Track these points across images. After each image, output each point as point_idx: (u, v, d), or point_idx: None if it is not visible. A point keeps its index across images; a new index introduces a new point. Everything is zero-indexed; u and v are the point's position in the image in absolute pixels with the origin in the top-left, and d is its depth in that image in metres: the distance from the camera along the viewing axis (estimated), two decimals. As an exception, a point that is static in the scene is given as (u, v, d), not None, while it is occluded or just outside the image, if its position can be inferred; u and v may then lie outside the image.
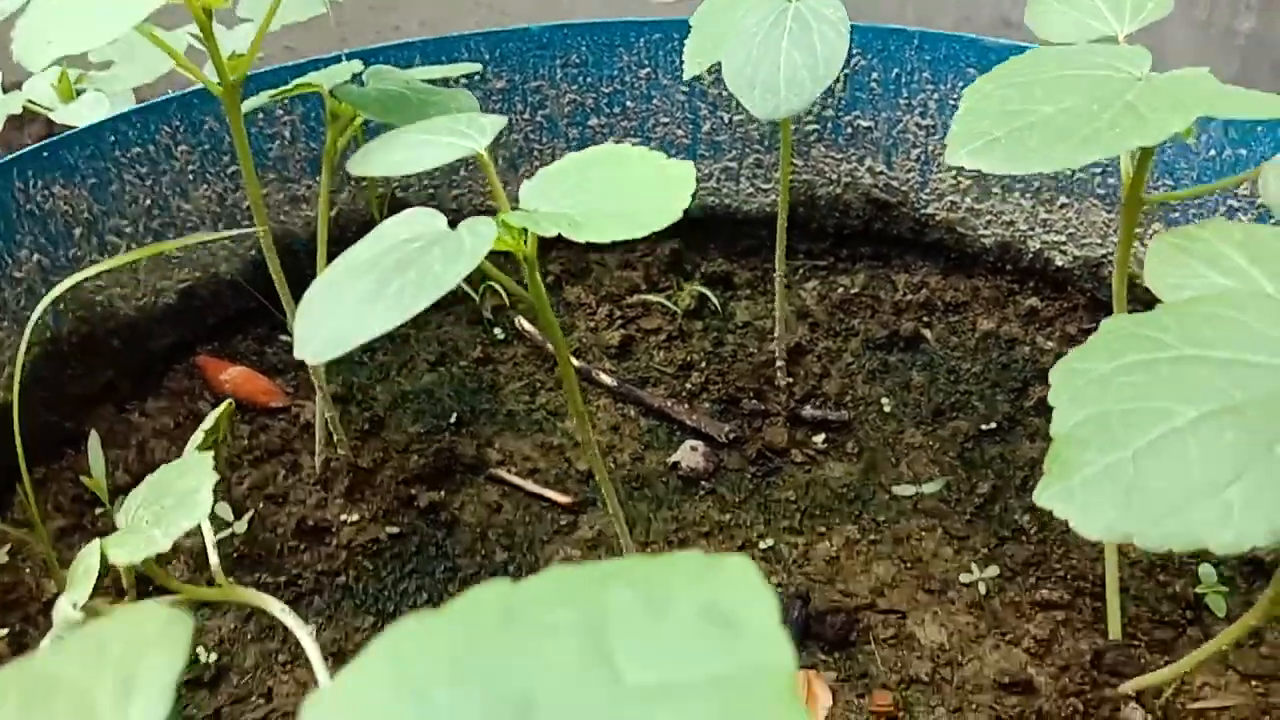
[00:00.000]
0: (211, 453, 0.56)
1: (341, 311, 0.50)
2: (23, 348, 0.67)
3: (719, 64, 0.73)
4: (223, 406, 0.64)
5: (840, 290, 1.07)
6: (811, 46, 0.65)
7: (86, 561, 0.52)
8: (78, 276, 0.63)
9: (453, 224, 0.52)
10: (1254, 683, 0.71)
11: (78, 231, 0.86)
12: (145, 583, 0.59)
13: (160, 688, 0.29)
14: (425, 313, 1.10)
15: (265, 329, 1.01)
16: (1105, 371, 0.45)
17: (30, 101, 1.28)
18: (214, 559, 0.59)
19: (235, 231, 0.85)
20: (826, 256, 1.11)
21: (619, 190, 0.53)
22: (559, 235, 0.52)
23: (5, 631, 0.72)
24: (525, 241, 0.55)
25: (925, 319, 1.03)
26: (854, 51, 1.00)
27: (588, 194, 0.53)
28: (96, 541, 0.52)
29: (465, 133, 0.57)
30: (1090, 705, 0.69)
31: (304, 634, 0.55)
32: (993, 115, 0.59)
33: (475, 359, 1.00)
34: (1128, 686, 0.70)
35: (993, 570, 0.78)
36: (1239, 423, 0.41)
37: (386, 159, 0.57)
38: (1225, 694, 0.70)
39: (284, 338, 1.00)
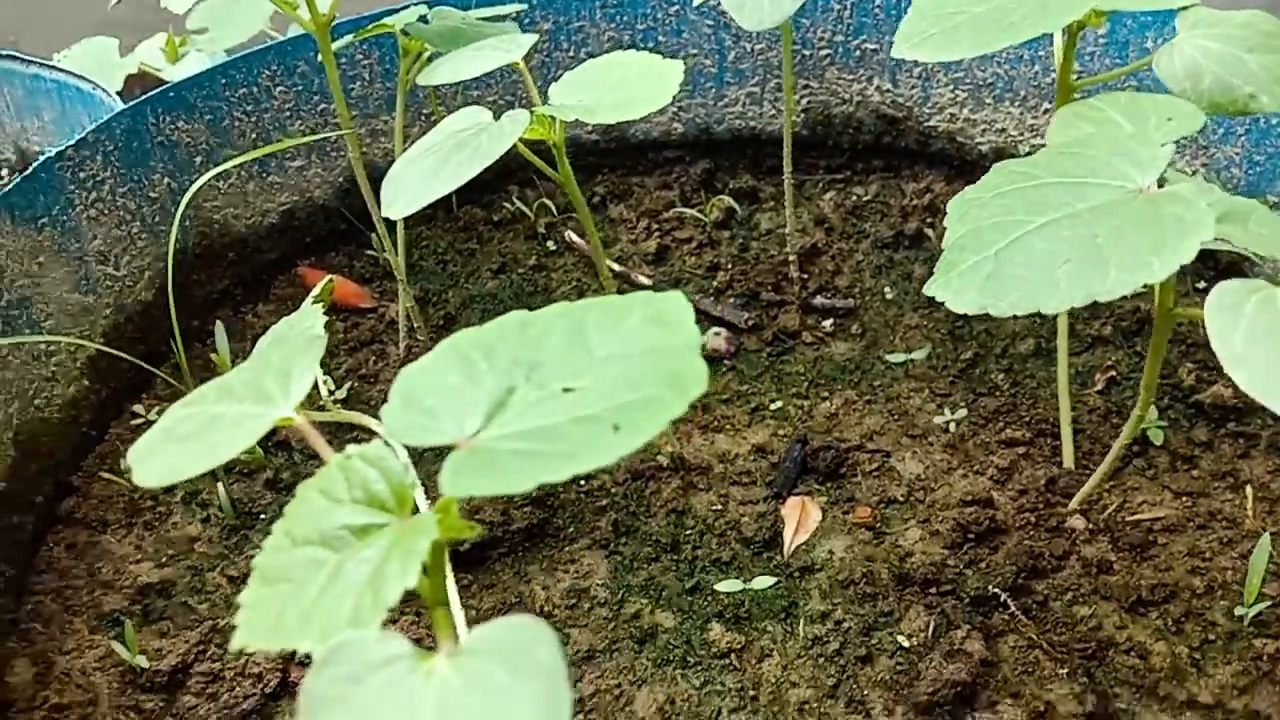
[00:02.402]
0: (322, 305, 0.74)
1: (415, 180, 0.67)
2: (171, 255, 0.86)
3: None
4: (325, 280, 0.82)
5: (854, 199, 1.22)
6: (790, -30, 0.80)
7: (231, 380, 0.71)
8: (209, 175, 0.81)
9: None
10: (1184, 499, 0.85)
11: (198, 159, 1.05)
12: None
13: (308, 371, 0.47)
14: (489, 230, 1.28)
15: (354, 246, 1.20)
16: (986, 198, 0.60)
17: (143, 64, 1.49)
18: (323, 390, 0.77)
19: (330, 135, 1.03)
20: (843, 170, 1.26)
21: (622, 84, 0.69)
22: (602, 161, 0.68)
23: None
24: (554, 130, 0.72)
25: (929, 220, 1.17)
26: (858, -18, 1.14)
27: (599, 89, 0.70)
28: (299, 336, 0.71)
29: (507, 48, 0.74)
30: (1041, 518, 0.84)
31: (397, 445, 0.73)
32: (931, 16, 0.74)
33: (531, 267, 1.17)
34: (1073, 503, 0.84)
35: (967, 414, 0.93)
36: (1075, 223, 0.56)
37: (447, 70, 0.75)
38: (1159, 508, 0.84)
39: (369, 253, 1.19)
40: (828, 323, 1.07)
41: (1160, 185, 0.58)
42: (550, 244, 1.21)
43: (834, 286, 1.11)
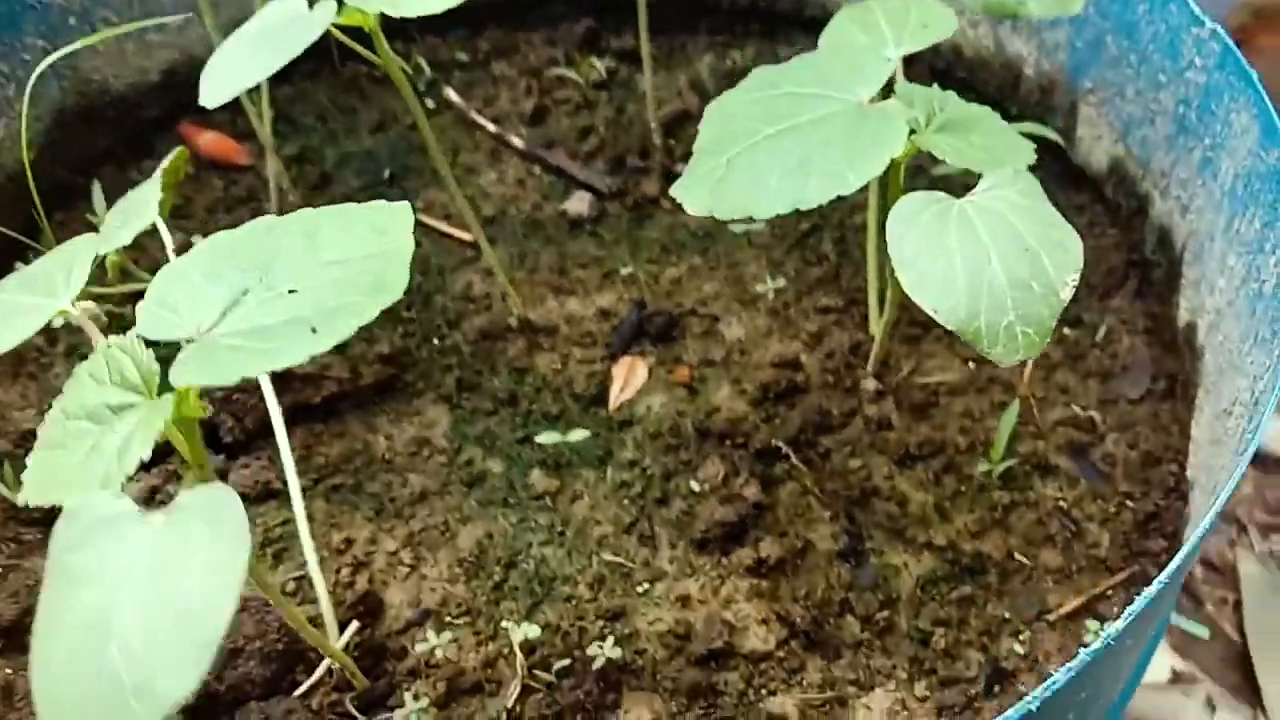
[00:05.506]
0: (161, 179, 0.82)
1: (230, 70, 0.74)
2: (24, 111, 0.93)
3: None
4: (175, 152, 0.90)
5: (730, 63, 1.28)
6: None
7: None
8: (67, 49, 0.88)
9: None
10: (971, 364, 0.95)
11: (72, 20, 1.10)
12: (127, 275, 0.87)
13: (83, 272, 0.56)
14: (370, 86, 1.33)
15: (236, 102, 1.25)
16: (736, 104, 0.68)
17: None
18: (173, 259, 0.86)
19: (168, 19, 1.08)
20: (723, 33, 1.31)
21: (426, -21, 0.75)
22: (488, 15, 0.75)
23: (42, 326, 1.02)
24: (369, 17, 0.78)
25: (797, 87, 1.23)
26: None
27: (407, -18, 0.76)
28: (83, 236, 0.80)
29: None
30: (839, 379, 0.95)
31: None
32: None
33: (409, 125, 1.24)
34: (869, 365, 0.95)
35: (792, 283, 1.03)
36: (796, 135, 0.64)
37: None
38: (947, 373, 0.95)
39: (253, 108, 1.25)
40: (686, 189, 1.15)
41: (887, 96, 0.65)
42: (429, 101, 1.27)
43: (699, 152, 1.18)
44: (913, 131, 0.65)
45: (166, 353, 0.53)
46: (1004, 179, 0.61)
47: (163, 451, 0.84)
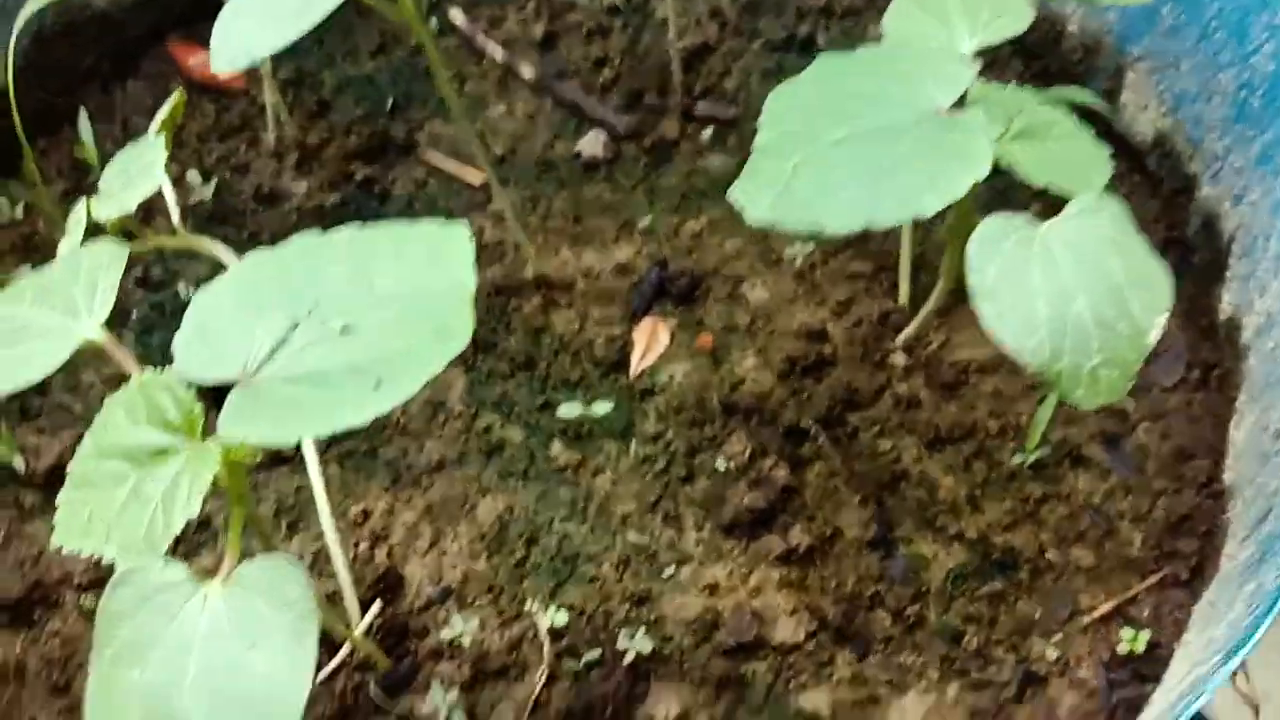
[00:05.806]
0: (164, 135, 0.76)
1: (246, 29, 0.68)
2: (13, 41, 0.86)
3: None
4: (175, 97, 0.83)
5: (753, -10, 1.21)
6: None
7: (76, 216, 0.74)
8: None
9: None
10: (1001, 340, 0.93)
11: (47, -74, 1.01)
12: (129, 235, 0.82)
13: (109, 288, 0.51)
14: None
15: (226, 15, 1.17)
16: (800, 98, 0.63)
17: None
18: (175, 217, 0.81)
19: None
20: (745, -45, 1.23)
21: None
22: None
23: (29, 266, 0.97)
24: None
25: (824, 23, 1.17)
26: None
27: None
28: (83, 200, 0.74)
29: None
30: (868, 352, 0.92)
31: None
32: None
33: (411, 48, 1.16)
34: (899, 340, 0.93)
35: (820, 246, 0.99)
36: (868, 143, 0.60)
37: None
38: (978, 349, 0.93)
39: (243, 24, 1.16)
40: (707, 132, 1.10)
41: (963, 102, 0.61)
42: (433, 22, 1.19)
43: (720, 90, 1.13)
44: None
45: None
46: (1089, 205, 0.58)
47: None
